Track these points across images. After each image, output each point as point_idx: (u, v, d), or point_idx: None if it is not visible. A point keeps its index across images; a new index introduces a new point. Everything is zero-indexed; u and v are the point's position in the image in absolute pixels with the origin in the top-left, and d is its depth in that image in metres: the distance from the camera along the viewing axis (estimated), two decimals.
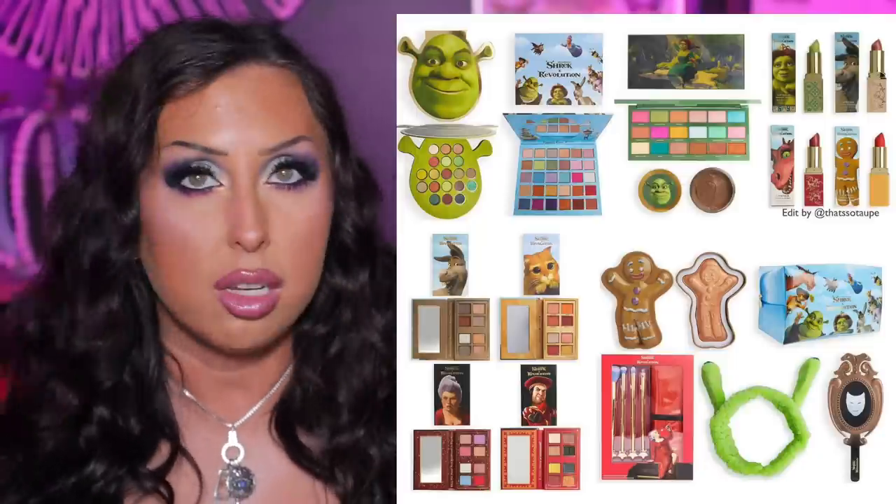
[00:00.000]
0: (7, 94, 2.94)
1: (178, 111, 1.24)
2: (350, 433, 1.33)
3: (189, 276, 1.24)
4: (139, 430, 1.31)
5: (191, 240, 1.23)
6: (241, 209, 1.22)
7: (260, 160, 1.24)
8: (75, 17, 2.95)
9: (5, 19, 2.95)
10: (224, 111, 1.23)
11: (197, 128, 1.23)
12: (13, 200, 2.85)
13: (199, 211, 1.23)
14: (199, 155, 1.23)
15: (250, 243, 1.22)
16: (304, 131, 1.27)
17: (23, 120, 2.86)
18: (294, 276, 1.26)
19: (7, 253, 2.88)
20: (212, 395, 1.34)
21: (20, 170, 2.84)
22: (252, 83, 1.25)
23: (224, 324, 1.25)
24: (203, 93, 1.24)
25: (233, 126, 1.23)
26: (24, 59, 2.97)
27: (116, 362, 1.31)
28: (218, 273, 1.23)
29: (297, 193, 1.26)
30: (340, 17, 2.89)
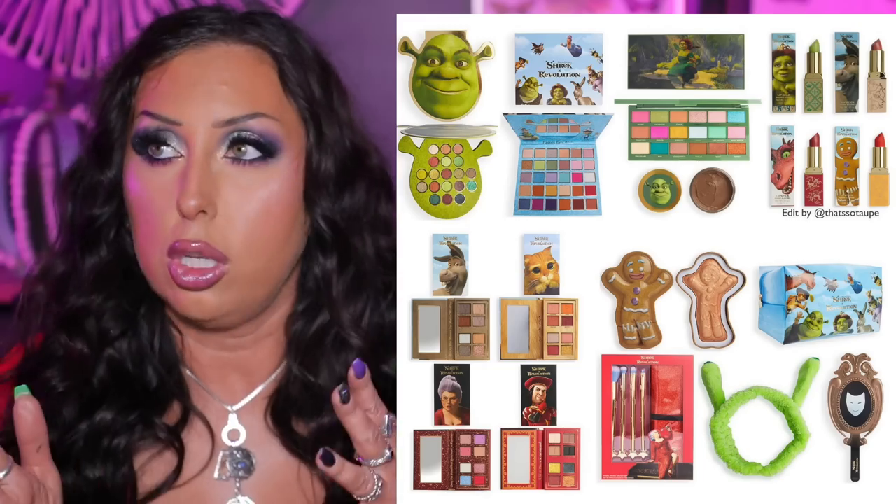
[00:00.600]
0: (7, 94, 2.94)
1: (148, 82, 1.29)
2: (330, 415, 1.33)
3: (148, 242, 1.28)
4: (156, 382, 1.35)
5: (150, 206, 1.27)
6: (186, 177, 1.26)
7: (216, 133, 1.27)
8: (75, 17, 2.95)
9: (5, 19, 2.95)
10: (182, 83, 1.28)
11: (159, 98, 1.28)
12: (13, 200, 2.85)
13: (159, 180, 1.27)
14: (158, 125, 1.27)
15: (189, 210, 1.25)
16: (266, 109, 1.29)
17: (23, 120, 2.87)
18: (245, 252, 1.27)
19: (7, 253, 2.88)
20: (212, 376, 1.37)
21: (20, 170, 2.84)
22: (218, 59, 1.29)
23: (175, 293, 1.28)
24: (166, 66, 1.29)
25: (190, 98, 1.27)
26: (24, 59, 2.97)
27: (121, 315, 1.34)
28: (168, 241, 1.27)
29: (254, 170, 1.28)
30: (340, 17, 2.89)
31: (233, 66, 1.29)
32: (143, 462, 1.34)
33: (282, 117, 1.29)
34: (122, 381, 1.34)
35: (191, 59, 1.29)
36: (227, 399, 1.37)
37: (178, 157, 1.27)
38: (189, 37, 1.30)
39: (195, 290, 1.27)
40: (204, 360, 1.37)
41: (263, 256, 1.29)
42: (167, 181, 1.27)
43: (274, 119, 1.29)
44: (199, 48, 1.29)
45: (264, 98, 1.29)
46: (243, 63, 1.30)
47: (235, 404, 1.37)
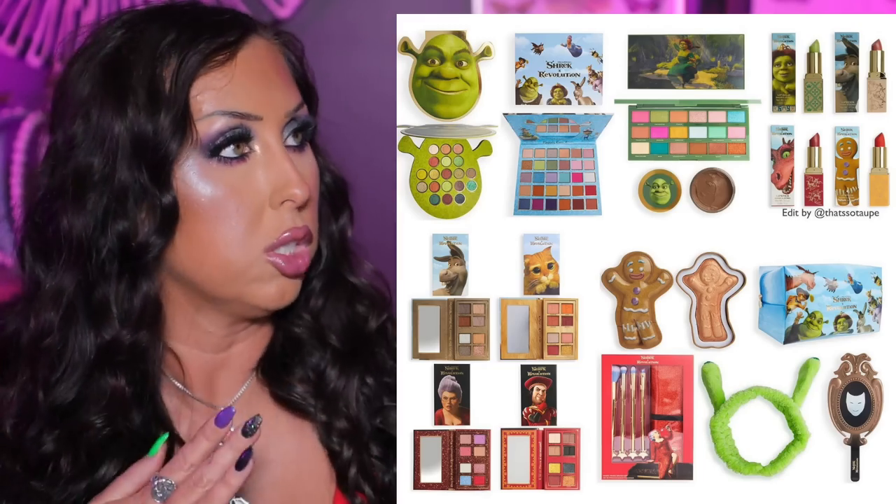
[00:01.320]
0: (6, 94, 2.94)
1: (208, 85, 1.26)
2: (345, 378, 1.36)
3: (237, 245, 1.26)
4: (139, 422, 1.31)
5: (235, 207, 1.26)
6: (283, 168, 1.27)
7: (283, 122, 1.29)
8: (75, 17, 2.95)
9: (5, 19, 2.95)
10: (253, 79, 1.28)
11: (231, 97, 1.26)
12: (13, 200, 2.85)
13: (239, 178, 1.26)
14: (237, 122, 1.26)
15: (301, 198, 1.27)
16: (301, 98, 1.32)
17: (22, 120, 2.86)
18: (315, 233, 1.32)
19: (7, 253, 2.88)
20: (198, 382, 1.36)
21: (20, 170, 2.84)
22: (264, 53, 1.30)
23: (277, 283, 1.29)
24: (230, 65, 1.27)
25: (261, 92, 1.28)
26: (24, 58, 2.97)
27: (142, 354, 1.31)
28: (268, 237, 1.27)
29: (302, 154, 1.31)
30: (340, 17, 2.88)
31: (273, 58, 1.31)
32: None
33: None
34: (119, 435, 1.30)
35: (250, 56, 1.29)
36: (214, 400, 1.36)
37: (252, 153, 1.27)
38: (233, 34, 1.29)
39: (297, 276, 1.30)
40: (193, 369, 1.35)
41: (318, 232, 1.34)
42: (248, 178, 1.26)
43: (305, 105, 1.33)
44: (251, 45, 1.30)
45: (295, 87, 1.32)
46: (277, 55, 1.32)
47: (224, 403, 1.36)
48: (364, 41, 2.33)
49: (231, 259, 1.27)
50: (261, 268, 1.28)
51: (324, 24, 2.87)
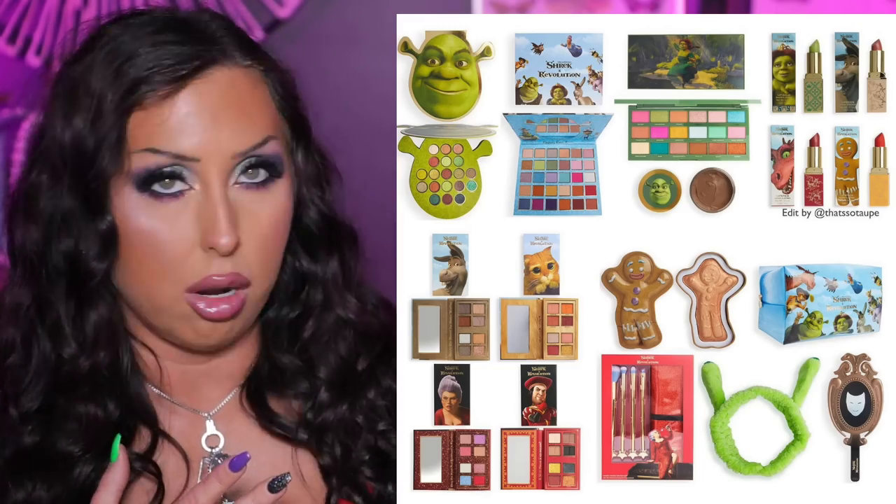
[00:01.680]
0: (7, 94, 2.94)
1: (148, 118, 1.23)
2: (333, 409, 1.33)
3: (160, 280, 1.24)
4: (118, 416, 1.30)
5: (162, 243, 1.23)
6: (214, 214, 1.22)
7: (231, 164, 1.24)
8: (75, 17, 2.94)
9: (5, 19, 2.95)
10: (195, 118, 1.23)
11: (167, 135, 1.22)
12: None
13: (170, 215, 1.23)
14: (170, 161, 1.22)
15: (225, 248, 1.22)
16: (271, 131, 1.26)
17: (22, 120, 2.86)
18: (260, 276, 1.26)
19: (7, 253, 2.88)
20: (182, 390, 1.34)
21: (20, 169, 2.84)
22: (221, 87, 1.25)
23: (193, 324, 1.25)
24: (173, 100, 1.23)
25: (204, 132, 1.23)
26: (24, 58, 2.97)
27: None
28: (190, 278, 1.23)
29: (263, 192, 1.26)
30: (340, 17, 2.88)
31: (236, 92, 1.25)
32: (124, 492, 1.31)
33: (280, 134, 1.28)
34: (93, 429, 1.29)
35: (197, 92, 1.23)
36: (199, 407, 1.34)
37: (190, 190, 1.23)
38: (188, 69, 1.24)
39: (221, 321, 1.25)
40: (174, 376, 1.34)
41: (272, 275, 1.29)
42: (179, 215, 1.23)
43: (277, 139, 1.27)
44: (203, 79, 1.24)
45: (267, 120, 1.27)
46: (244, 86, 1.26)
47: (209, 410, 1.34)
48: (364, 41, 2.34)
49: (153, 293, 1.25)
50: (182, 307, 1.25)
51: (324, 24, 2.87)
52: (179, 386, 1.34)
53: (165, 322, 1.27)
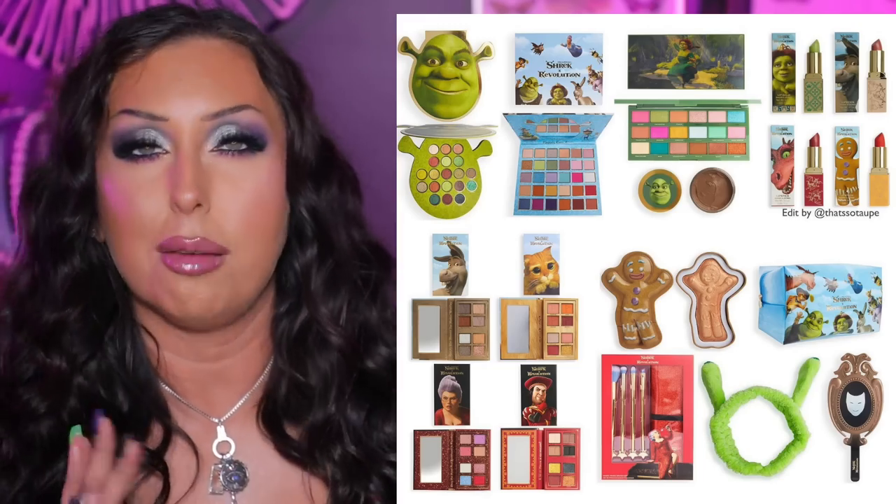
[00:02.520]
0: (7, 94, 2.94)
1: (125, 79, 1.26)
2: (322, 410, 1.32)
3: (133, 239, 1.25)
4: (127, 407, 1.31)
5: (135, 203, 1.24)
6: (179, 171, 1.23)
7: (203, 126, 1.25)
8: (75, 17, 2.94)
9: (5, 19, 2.95)
10: (166, 78, 1.26)
11: (141, 94, 1.25)
12: (13, 200, 2.85)
13: (144, 176, 1.25)
14: (143, 122, 1.24)
15: (187, 204, 1.22)
16: (251, 101, 1.27)
17: (22, 120, 2.86)
18: (242, 243, 1.26)
19: (7, 253, 2.88)
20: (193, 390, 1.33)
21: (20, 170, 2.84)
22: (198, 52, 1.28)
23: (169, 285, 1.25)
24: (147, 60, 1.26)
25: (175, 92, 1.25)
26: (24, 58, 2.97)
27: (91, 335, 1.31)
28: (159, 236, 1.24)
29: (243, 161, 1.26)
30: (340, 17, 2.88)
31: (213, 59, 1.28)
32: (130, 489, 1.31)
33: (265, 109, 1.28)
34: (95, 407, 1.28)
35: (170, 54, 1.27)
36: (210, 411, 1.34)
37: (164, 154, 1.25)
38: (165, 32, 1.27)
39: (191, 275, 1.24)
40: (183, 374, 1.33)
41: (258, 248, 1.27)
42: (152, 177, 1.25)
43: (258, 111, 1.27)
44: (176, 43, 1.27)
45: (248, 90, 1.28)
46: (223, 56, 1.28)
47: (221, 416, 1.34)
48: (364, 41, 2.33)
49: (130, 254, 1.26)
50: (155, 265, 1.25)
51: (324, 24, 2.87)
52: (191, 387, 1.33)
53: (147, 289, 1.27)
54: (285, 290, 1.34)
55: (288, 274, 1.34)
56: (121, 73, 1.27)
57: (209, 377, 1.33)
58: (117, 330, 1.33)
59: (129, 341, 1.33)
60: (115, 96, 1.27)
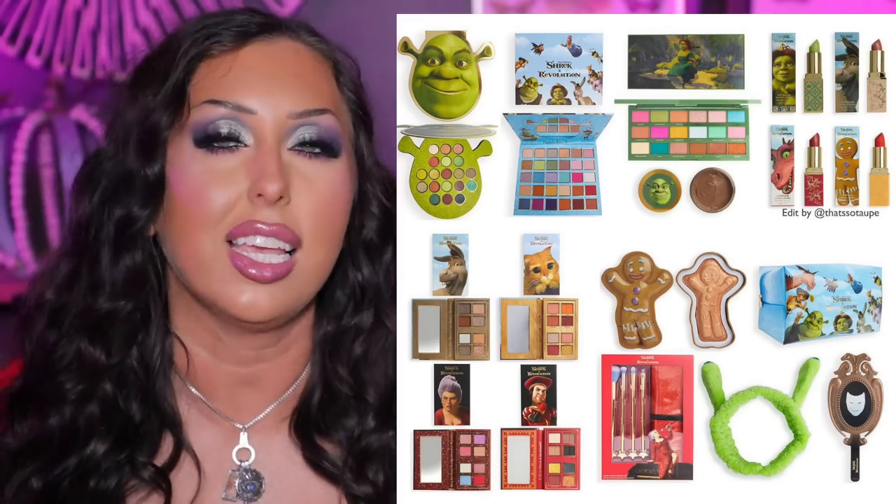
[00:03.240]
0: (7, 94, 2.94)
1: (212, 71, 1.27)
2: (379, 434, 1.32)
3: (201, 231, 1.24)
4: (139, 418, 1.30)
5: (209, 192, 1.24)
6: (264, 163, 1.24)
7: (287, 123, 1.26)
8: (75, 17, 2.95)
9: (5, 19, 2.95)
10: (256, 72, 1.27)
11: (229, 86, 1.26)
12: (13, 200, 2.85)
13: (221, 167, 1.25)
14: (229, 113, 1.25)
15: (272, 194, 1.22)
16: (330, 105, 1.29)
17: (22, 120, 2.86)
18: (313, 242, 1.26)
19: (7, 253, 2.88)
20: (221, 394, 1.33)
21: (20, 170, 2.84)
22: (285, 53, 1.29)
23: (234, 288, 1.24)
24: (237, 53, 1.27)
25: (264, 87, 1.26)
26: (24, 58, 2.97)
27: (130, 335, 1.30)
28: (230, 223, 1.23)
29: (319, 163, 1.27)
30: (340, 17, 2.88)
31: (299, 61, 1.29)
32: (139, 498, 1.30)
33: (341, 117, 1.30)
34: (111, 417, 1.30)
35: (259, 51, 1.28)
36: (235, 417, 1.33)
37: (243, 147, 1.25)
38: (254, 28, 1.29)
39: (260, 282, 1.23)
40: (216, 377, 1.32)
41: (326, 249, 1.28)
42: (229, 168, 1.24)
43: (336, 117, 1.29)
44: (266, 41, 1.29)
45: (328, 95, 1.30)
46: (307, 59, 1.30)
47: (246, 422, 1.33)
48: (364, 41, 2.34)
49: (196, 247, 1.25)
50: (223, 263, 1.24)
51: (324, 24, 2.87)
52: (219, 391, 1.32)
53: (207, 286, 1.25)
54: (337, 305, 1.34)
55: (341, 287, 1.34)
56: (207, 63, 1.28)
57: (240, 382, 1.32)
58: (148, 335, 1.32)
59: (158, 345, 1.32)
60: (200, 87, 1.27)
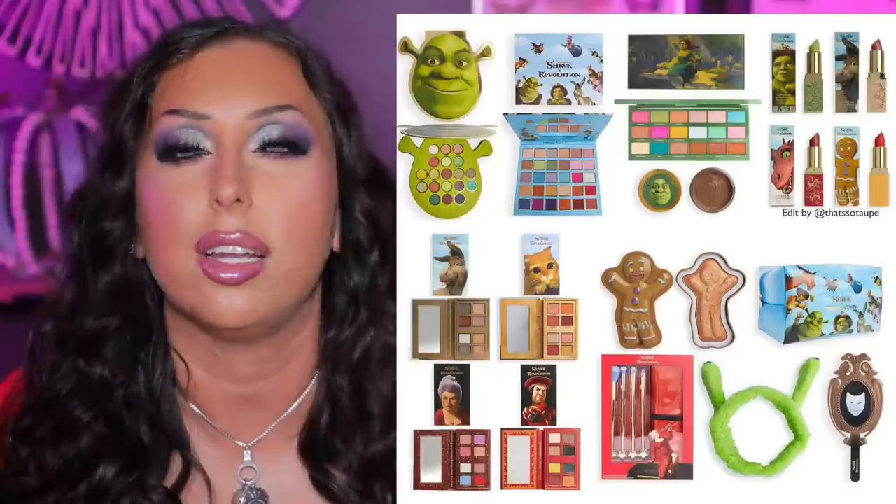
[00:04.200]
0: (7, 94, 2.94)
1: (171, 81, 1.26)
2: (383, 441, 1.30)
3: (172, 244, 1.22)
4: (149, 439, 1.29)
5: (175, 204, 1.22)
6: (219, 167, 1.21)
7: (247, 125, 1.23)
8: (75, 17, 2.95)
9: (5, 19, 2.95)
10: (211, 76, 1.25)
11: (185, 94, 1.24)
12: (13, 200, 2.85)
13: (184, 178, 1.23)
14: (186, 122, 1.23)
15: (227, 198, 1.20)
16: (295, 102, 1.26)
17: (22, 120, 2.87)
18: (285, 246, 1.22)
19: (7, 253, 2.88)
20: (223, 413, 1.31)
21: (20, 170, 2.84)
22: (244, 53, 1.27)
23: (207, 293, 1.21)
24: (192, 60, 1.26)
25: (219, 90, 1.24)
26: (24, 58, 2.97)
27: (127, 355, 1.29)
28: (197, 235, 1.21)
29: (287, 163, 1.24)
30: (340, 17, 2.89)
31: (258, 60, 1.27)
32: None
33: (310, 113, 1.27)
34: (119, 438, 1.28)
35: (215, 55, 1.26)
36: (238, 435, 1.31)
37: (206, 155, 1.23)
38: (210, 33, 1.27)
39: (229, 285, 1.20)
40: (215, 396, 1.30)
41: (300, 253, 1.24)
42: (193, 178, 1.22)
43: (303, 113, 1.26)
44: (222, 45, 1.27)
45: (292, 92, 1.27)
46: (269, 58, 1.28)
47: (249, 440, 1.32)
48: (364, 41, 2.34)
49: (169, 260, 1.23)
50: (194, 272, 1.22)
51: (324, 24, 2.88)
52: (221, 409, 1.31)
53: (183, 296, 1.24)
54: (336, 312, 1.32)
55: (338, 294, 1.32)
56: (166, 74, 1.26)
57: (240, 400, 1.31)
58: (149, 355, 1.31)
59: (160, 365, 1.31)
60: (160, 99, 1.25)
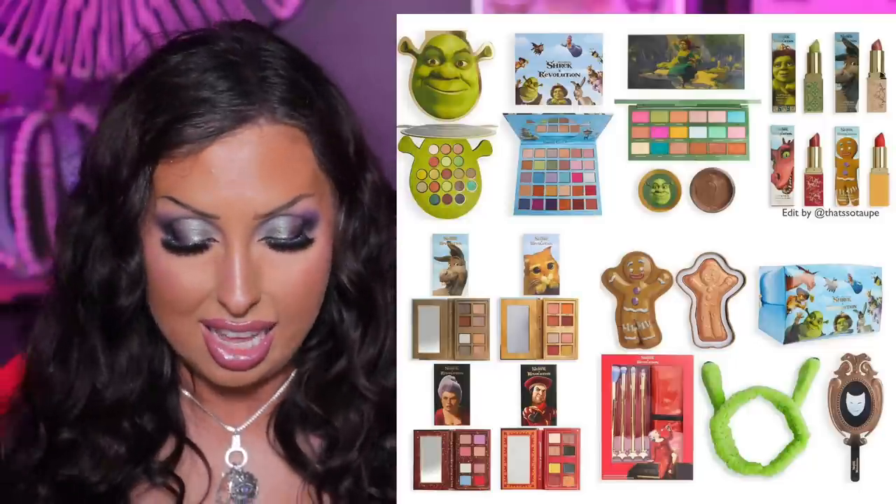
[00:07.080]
0: (7, 94, 2.95)
1: (172, 169, 1.20)
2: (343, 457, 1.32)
3: (177, 312, 1.23)
4: (152, 427, 1.31)
5: (182, 286, 1.22)
6: (230, 272, 1.20)
7: (254, 224, 1.21)
8: (75, 17, 2.95)
9: (5, 19, 2.96)
10: (219, 175, 1.19)
11: (189, 188, 1.20)
12: (13, 200, 2.85)
13: (192, 262, 1.22)
14: (191, 215, 1.20)
15: (238, 308, 1.20)
16: (304, 189, 1.23)
17: (23, 120, 2.87)
18: (289, 318, 1.25)
19: (7, 253, 2.89)
20: (215, 399, 1.34)
21: (20, 170, 2.85)
22: (252, 146, 1.21)
23: (213, 369, 1.25)
24: (199, 155, 1.20)
25: (225, 190, 1.19)
26: (24, 58, 2.97)
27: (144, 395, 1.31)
28: (205, 313, 1.23)
29: (292, 253, 1.23)
30: (340, 18, 2.89)
31: (266, 150, 1.21)
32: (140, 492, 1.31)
33: (317, 191, 1.24)
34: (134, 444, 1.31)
35: (222, 150, 1.19)
36: (228, 420, 1.34)
37: (213, 242, 1.21)
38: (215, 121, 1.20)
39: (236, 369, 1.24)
40: (209, 386, 1.33)
41: (303, 321, 1.27)
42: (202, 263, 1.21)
43: (311, 196, 1.23)
44: (233, 135, 1.20)
45: (301, 178, 1.23)
46: (278, 145, 1.21)
47: (238, 425, 1.34)
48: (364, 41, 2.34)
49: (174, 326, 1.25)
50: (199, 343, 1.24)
51: (324, 24, 2.88)
52: (212, 395, 1.34)
53: (189, 356, 1.27)
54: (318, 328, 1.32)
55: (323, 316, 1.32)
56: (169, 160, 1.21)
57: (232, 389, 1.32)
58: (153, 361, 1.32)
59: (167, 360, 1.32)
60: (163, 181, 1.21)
